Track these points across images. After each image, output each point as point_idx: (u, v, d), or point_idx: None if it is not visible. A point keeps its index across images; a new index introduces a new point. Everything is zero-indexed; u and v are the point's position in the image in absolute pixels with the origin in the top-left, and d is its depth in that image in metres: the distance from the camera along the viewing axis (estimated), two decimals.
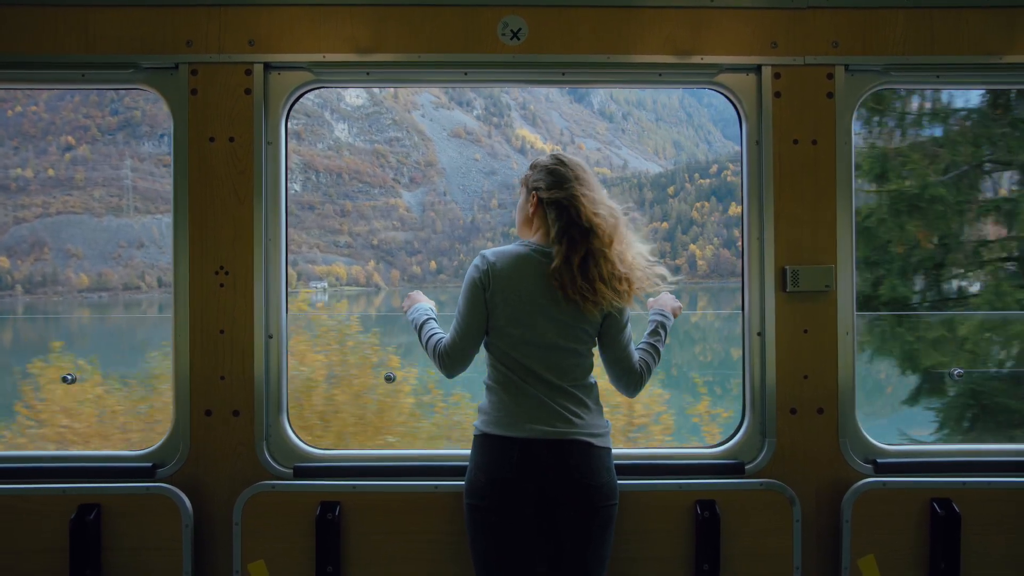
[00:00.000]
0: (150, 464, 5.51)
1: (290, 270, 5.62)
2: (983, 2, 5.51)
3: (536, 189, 4.78)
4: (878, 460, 5.56)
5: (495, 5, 5.50)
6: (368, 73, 5.59)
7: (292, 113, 5.64)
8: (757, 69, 5.56)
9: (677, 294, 5.22)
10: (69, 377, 6.47)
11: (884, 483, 5.41)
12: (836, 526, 5.49)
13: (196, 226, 5.49)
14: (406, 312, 5.26)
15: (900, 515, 5.41)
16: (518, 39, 5.50)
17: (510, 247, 4.78)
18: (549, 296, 4.64)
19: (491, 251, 4.76)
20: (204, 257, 5.49)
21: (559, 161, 4.81)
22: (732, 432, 5.73)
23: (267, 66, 5.53)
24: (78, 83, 5.64)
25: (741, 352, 5.73)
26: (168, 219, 5.67)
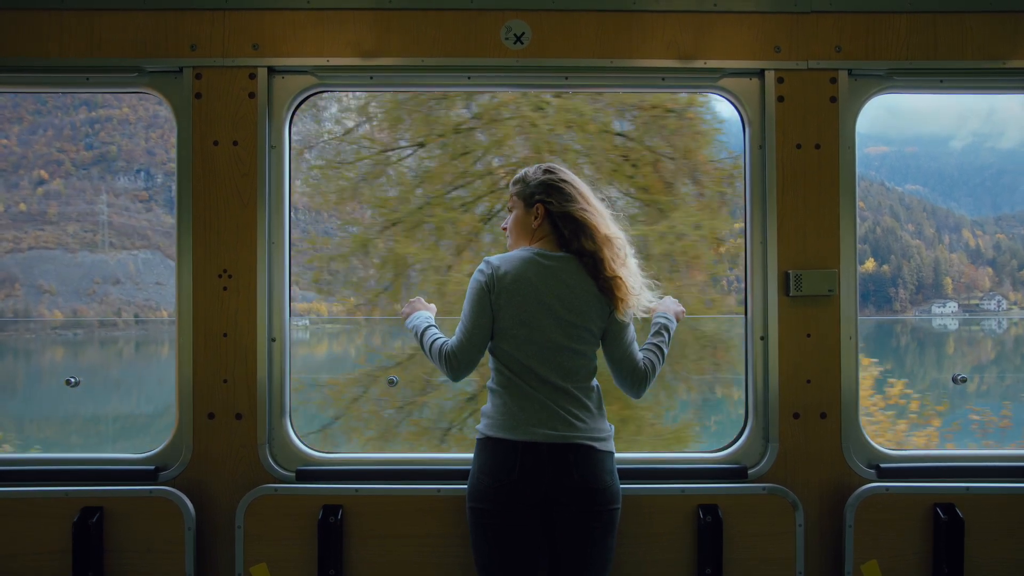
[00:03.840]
0: (153, 467, 5.37)
1: (290, 324, 5.54)
2: (987, 7, 5.39)
3: (544, 202, 4.70)
4: (881, 465, 5.40)
5: (498, 9, 5.37)
6: (371, 77, 5.46)
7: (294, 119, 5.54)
8: (760, 73, 5.43)
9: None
10: (73, 380, 6.31)
11: (887, 488, 5.25)
12: (839, 531, 5.33)
13: (199, 229, 5.35)
14: (405, 320, 5.12)
15: (903, 520, 5.25)
16: (521, 43, 5.37)
17: (513, 252, 4.69)
18: (554, 296, 4.52)
19: (495, 256, 4.65)
20: (207, 260, 5.35)
21: (557, 175, 4.76)
22: (735, 436, 5.58)
23: (271, 70, 5.40)
24: (83, 87, 5.51)
25: (743, 356, 5.59)
26: (144, 255, 5.62)
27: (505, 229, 4.94)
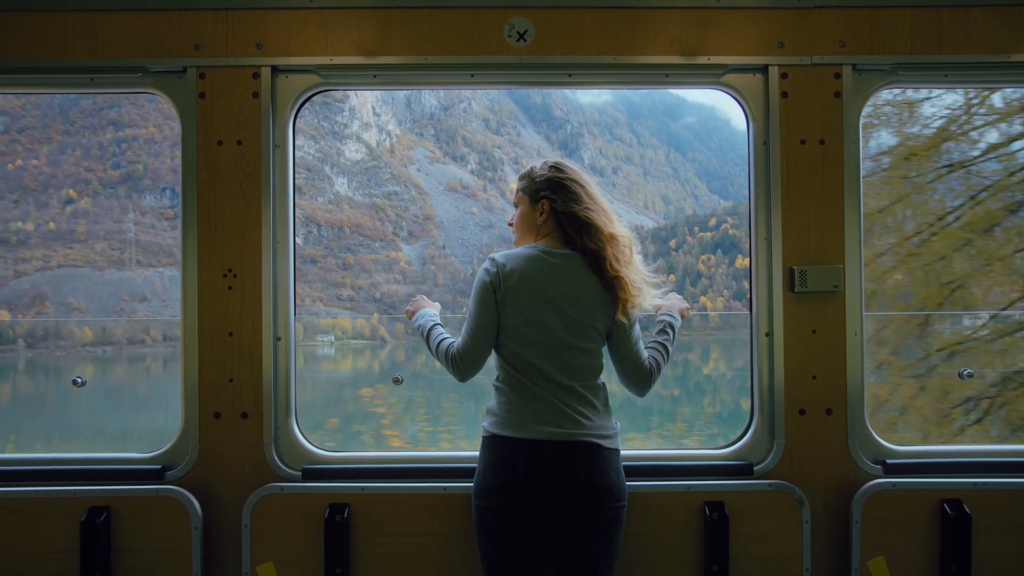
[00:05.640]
0: (159, 466, 5.34)
1: (296, 323, 5.51)
2: (991, 1, 5.33)
3: (549, 199, 4.65)
4: (887, 461, 5.33)
5: (501, 7, 5.33)
6: (375, 76, 5.41)
7: (297, 164, 5.50)
8: (764, 69, 5.38)
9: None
10: (79, 380, 6.28)
11: (894, 484, 5.18)
12: (846, 527, 5.28)
13: (204, 229, 5.33)
14: (411, 318, 5.08)
15: (910, 516, 5.19)
16: (524, 41, 5.32)
17: (519, 249, 4.62)
18: (560, 295, 4.47)
19: (500, 254, 4.58)
20: (212, 260, 5.32)
21: (564, 173, 4.69)
22: (741, 433, 5.53)
23: (274, 69, 5.36)
24: (87, 88, 5.47)
25: (749, 353, 5.53)
26: (171, 272, 5.55)
27: (511, 225, 4.89)
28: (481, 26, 5.36)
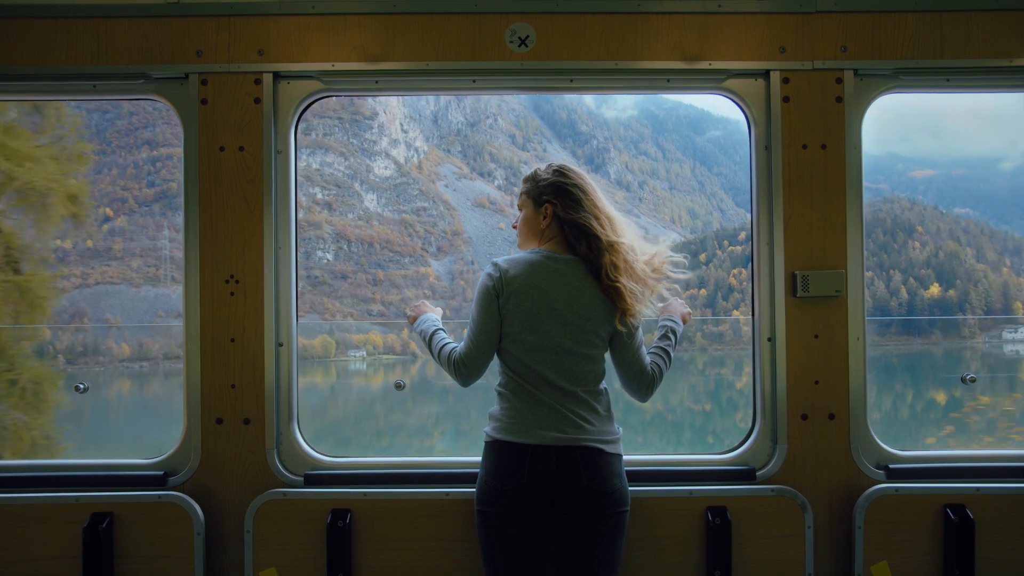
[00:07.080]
0: (162, 472, 5.31)
1: (328, 339, 5.49)
2: (993, 5, 5.29)
3: (551, 204, 4.60)
4: (890, 466, 5.29)
5: (503, 13, 5.31)
6: (377, 81, 5.41)
7: (319, 180, 5.50)
8: (765, 74, 5.35)
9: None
10: (81, 386, 6.27)
11: (897, 489, 5.13)
12: (848, 532, 5.23)
13: (206, 235, 5.31)
14: (413, 323, 5.08)
15: (913, 521, 5.15)
16: (526, 46, 5.29)
17: (522, 254, 4.60)
18: (563, 300, 4.43)
19: (503, 259, 4.56)
20: (214, 266, 5.31)
21: (568, 178, 4.65)
22: (743, 438, 5.49)
23: (276, 75, 5.35)
24: (89, 94, 5.49)
25: (752, 358, 5.48)
26: None
27: (515, 227, 4.86)
28: (482, 32, 5.34)
